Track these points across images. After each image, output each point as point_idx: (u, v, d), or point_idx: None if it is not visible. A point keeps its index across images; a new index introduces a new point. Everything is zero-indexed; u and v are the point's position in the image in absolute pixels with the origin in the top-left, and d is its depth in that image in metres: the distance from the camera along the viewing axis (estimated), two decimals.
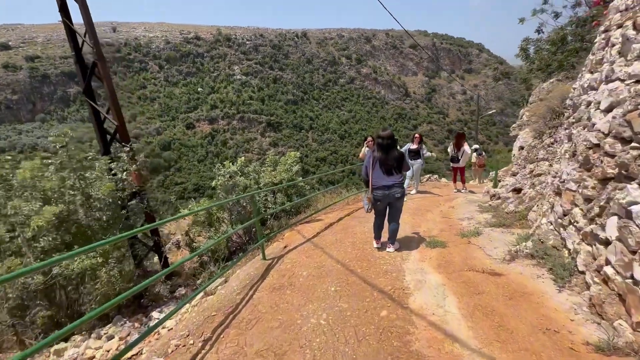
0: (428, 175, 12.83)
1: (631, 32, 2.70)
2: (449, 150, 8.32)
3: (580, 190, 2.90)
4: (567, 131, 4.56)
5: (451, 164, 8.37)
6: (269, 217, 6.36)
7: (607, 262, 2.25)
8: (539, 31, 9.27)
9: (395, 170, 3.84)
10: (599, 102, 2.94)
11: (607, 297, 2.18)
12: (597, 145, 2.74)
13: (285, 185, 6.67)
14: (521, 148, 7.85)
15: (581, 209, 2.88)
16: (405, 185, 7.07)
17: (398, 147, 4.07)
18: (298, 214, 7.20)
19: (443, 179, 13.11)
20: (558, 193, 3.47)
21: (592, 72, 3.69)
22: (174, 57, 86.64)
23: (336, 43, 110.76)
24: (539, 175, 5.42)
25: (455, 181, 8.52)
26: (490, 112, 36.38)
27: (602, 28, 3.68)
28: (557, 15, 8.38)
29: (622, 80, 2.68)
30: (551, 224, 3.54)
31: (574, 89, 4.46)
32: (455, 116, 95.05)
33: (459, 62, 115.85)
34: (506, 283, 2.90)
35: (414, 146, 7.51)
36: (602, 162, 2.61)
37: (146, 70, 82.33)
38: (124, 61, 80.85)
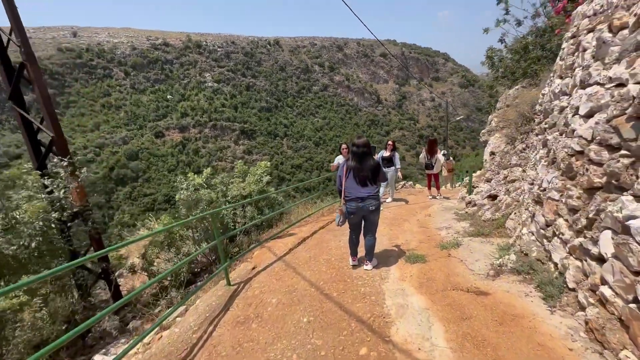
0: (403, 182, 12.83)
1: (607, 35, 2.59)
2: (421, 157, 8.23)
3: (564, 200, 2.73)
4: (539, 137, 4.51)
5: (425, 171, 8.30)
6: (238, 232, 5.83)
7: (604, 282, 2.05)
8: (501, 41, 9.60)
9: (370, 181, 3.55)
10: (577, 108, 2.80)
11: (606, 322, 1.96)
12: (581, 153, 2.58)
13: (255, 199, 6.19)
14: (492, 154, 7.92)
15: (566, 220, 2.70)
16: (380, 194, 6.85)
17: (374, 156, 3.80)
18: (270, 227, 6.74)
19: (417, 185, 13.17)
20: (538, 202, 3.32)
21: (562, 78, 3.62)
22: (141, 64, 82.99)
23: (309, 51, 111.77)
24: (513, 181, 5.37)
25: (429, 187, 8.45)
26: (459, 118, 37.89)
27: (569, 34, 3.64)
28: (519, 23, 8.70)
29: (602, 85, 2.55)
30: (533, 234, 3.38)
31: (544, 94, 4.42)
32: (425, 122, 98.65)
33: (426, 70, 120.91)
34: (494, 304, 2.65)
35: (386, 153, 7.34)
36: (587, 170, 2.44)
37: (111, 77, 77.99)
38: (86, 67, 76.15)
